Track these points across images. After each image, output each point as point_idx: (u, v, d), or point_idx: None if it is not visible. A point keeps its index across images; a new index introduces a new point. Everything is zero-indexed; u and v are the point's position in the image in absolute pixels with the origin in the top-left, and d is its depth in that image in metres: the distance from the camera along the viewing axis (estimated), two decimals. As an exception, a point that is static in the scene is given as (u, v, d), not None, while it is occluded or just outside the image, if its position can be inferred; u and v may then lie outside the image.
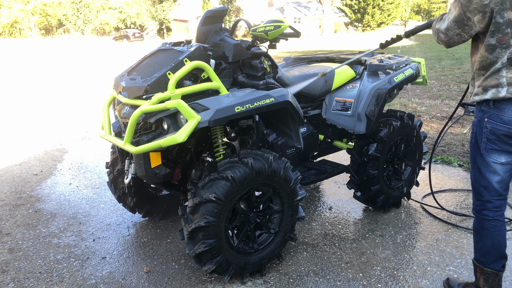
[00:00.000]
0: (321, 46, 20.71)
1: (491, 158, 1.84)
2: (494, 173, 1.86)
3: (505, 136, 1.76)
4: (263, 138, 2.57)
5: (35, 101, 8.32)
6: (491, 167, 1.86)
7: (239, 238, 2.28)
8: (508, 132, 1.75)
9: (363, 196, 3.04)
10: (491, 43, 1.69)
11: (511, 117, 1.72)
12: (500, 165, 1.84)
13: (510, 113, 1.72)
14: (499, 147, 1.80)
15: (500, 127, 1.76)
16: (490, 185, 1.89)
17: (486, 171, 1.88)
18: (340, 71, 3.00)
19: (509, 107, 1.72)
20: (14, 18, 42.98)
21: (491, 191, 1.90)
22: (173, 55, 2.24)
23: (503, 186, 1.89)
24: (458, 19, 1.76)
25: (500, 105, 1.74)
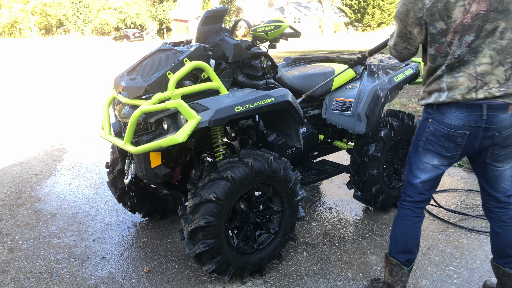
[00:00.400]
0: (321, 46, 20.70)
1: (425, 157, 1.90)
2: (422, 172, 1.91)
3: (444, 137, 1.81)
4: (263, 138, 2.57)
5: (35, 101, 8.32)
6: (422, 165, 1.91)
7: (239, 238, 2.28)
8: (447, 134, 1.79)
9: (363, 196, 3.04)
10: (431, 53, 1.76)
11: (451, 120, 1.77)
12: (431, 167, 1.89)
13: (450, 117, 1.77)
14: (435, 149, 1.85)
15: (441, 129, 1.81)
16: (414, 182, 1.95)
17: (416, 168, 1.93)
18: (340, 71, 3.00)
19: (450, 111, 1.76)
20: (14, 18, 43.00)
21: (414, 187, 1.96)
22: (173, 55, 2.24)
23: (427, 187, 1.94)
24: (401, 34, 1.85)
25: (442, 109, 1.79)
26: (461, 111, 1.73)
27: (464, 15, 1.62)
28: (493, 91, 1.66)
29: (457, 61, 1.69)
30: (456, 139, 1.78)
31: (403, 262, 1.99)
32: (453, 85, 1.72)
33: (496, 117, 1.70)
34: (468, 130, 1.75)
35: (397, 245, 2.01)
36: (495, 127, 1.72)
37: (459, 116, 1.74)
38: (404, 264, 2.00)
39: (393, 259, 2.01)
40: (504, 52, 1.63)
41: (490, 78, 1.67)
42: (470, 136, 1.76)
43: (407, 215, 1.99)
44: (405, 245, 1.99)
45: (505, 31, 1.61)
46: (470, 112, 1.72)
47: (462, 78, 1.69)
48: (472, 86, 1.69)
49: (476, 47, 1.64)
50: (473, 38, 1.63)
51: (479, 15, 1.60)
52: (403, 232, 1.99)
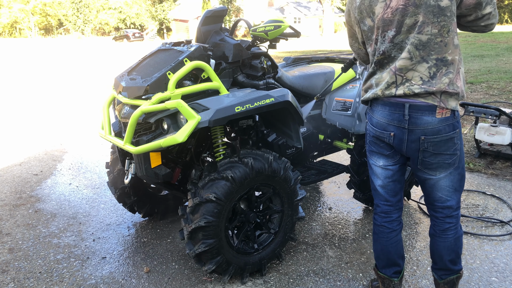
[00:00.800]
0: (321, 46, 20.70)
1: (372, 160, 1.85)
2: (376, 176, 1.86)
3: (375, 137, 1.76)
4: (263, 138, 2.57)
5: (35, 101, 8.32)
6: (372, 170, 1.87)
7: (239, 238, 2.28)
8: (375, 134, 1.75)
9: (363, 196, 3.03)
10: (369, 51, 1.75)
11: (377, 118, 1.73)
12: (380, 169, 1.83)
13: (377, 115, 1.72)
14: (376, 150, 1.80)
15: (371, 128, 1.78)
16: (375, 188, 1.88)
17: (371, 173, 1.89)
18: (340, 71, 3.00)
19: (376, 109, 1.73)
20: (14, 18, 43.01)
21: (377, 194, 1.89)
22: (173, 55, 2.24)
23: (388, 192, 1.85)
24: (350, 34, 1.85)
25: (373, 107, 1.75)
26: (385, 109, 1.70)
27: (384, 10, 1.61)
28: (413, 88, 1.60)
29: (384, 57, 1.66)
30: (384, 139, 1.74)
31: (390, 275, 1.96)
32: (379, 81, 1.70)
33: (419, 118, 1.63)
34: (392, 131, 1.69)
35: (380, 260, 1.97)
36: (419, 129, 1.64)
37: (383, 114, 1.70)
38: (392, 277, 1.96)
39: (380, 274, 1.99)
40: (426, 48, 1.57)
41: (413, 75, 1.60)
42: (396, 138, 1.70)
43: (382, 232, 1.92)
44: (387, 260, 1.94)
45: (423, 26, 1.55)
46: (393, 110, 1.67)
47: (385, 74, 1.67)
48: (392, 82, 1.64)
49: (400, 42, 1.60)
50: (394, 33, 1.60)
51: (398, 10, 1.57)
52: (383, 249, 1.94)
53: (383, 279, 1.98)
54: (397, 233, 1.93)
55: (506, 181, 3.63)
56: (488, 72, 9.23)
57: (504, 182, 3.63)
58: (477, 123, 4.12)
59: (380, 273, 1.99)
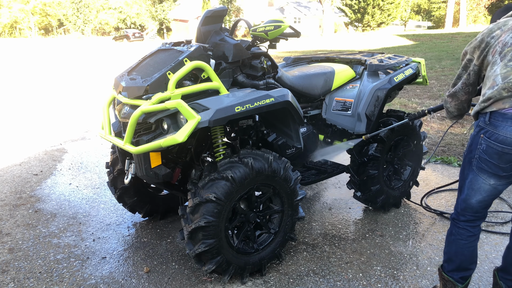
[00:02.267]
0: (321, 46, 20.70)
1: (481, 177, 1.77)
2: (477, 192, 1.80)
3: (498, 155, 1.67)
4: (263, 138, 2.57)
5: (35, 101, 8.32)
6: (476, 185, 1.79)
7: (239, 238, 2.28)
8: (501, 151, 1.65)
9: (363, 196, 3.04)
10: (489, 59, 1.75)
11: (506, 134, 1.61)
12: (488, 187, 1.76)
13: (504, 130, 1.62)
14: (490, 169, 1.72)
15: (493, 145, 1.67)
16: (469, 201, 1.84)
17: (469, 187, 1.82)
18: (340, 71, 3.00)
19: (504, 124, 1.62)
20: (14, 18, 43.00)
21: (468, 207, 1.86)
22: (173, 55, 2.24)
23: (482, 206, 1.83)
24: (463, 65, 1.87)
25: (495, 121, 1.65)
26: None
27: None
28: None
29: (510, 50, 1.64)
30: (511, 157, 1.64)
31: (456, 279, 1.94)
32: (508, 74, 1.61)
33: None
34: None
35: (451, 263, 1.94)
36: None
37: None
38: (458, 281, 1.94)
39: (446, 276, 1.96)
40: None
41: None
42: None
43: (462, 234, 1.89)
44: (459, 264, 1.92)
45: None
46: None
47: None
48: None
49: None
50: None
51: None
52: (458, 251, 1.91)
53: (446, 282, 1.96)
54: (476, 239, 1.91)
55: (506, 181, 3.63)
56: (488, 72, 9.22)
57: (504, 182, 3.62)
58: (477, 123, 4.11)
59: (445, 275, 1.96)
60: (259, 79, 2.47)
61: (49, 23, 47.16)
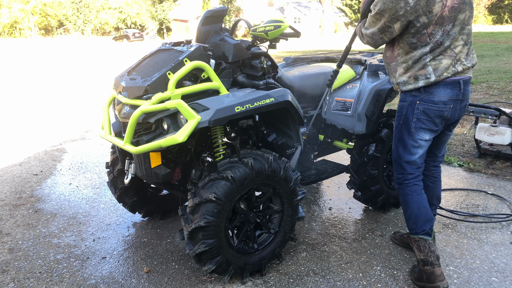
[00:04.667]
0: (321, 46, 20.70)
1: (419, 135, 2.19)
2: (419, 148, 2.21)
3: (434, 114, 2.12)
4: (263, 138, 2.57)
5: (35, 101, 8.32)
6: (417, 143, 2.21)
7: (239, 238, 2.28)
8: (437, 110, 2.11)
9: (363, 196, 3.04)
10: (412, 41, 2.05)
11: (439, 97, 2.10)
12: (424, 142, 2.21)
13: (439, 94, 2.10)
14: (426, 126, 2.16)
15: (431, 107, 2.11)
16: (413, 159, 2.24)
17: (411, 147, 2.22)
18: (340, 71, 3.00)
19: (438, 90, 2.09)
20: (14, 18, 43.02)
21: (412, 164, 2.25)
22: (173, 55, 2.24)
23: (421, 159, 2.26)
24: (381, 28, 2.12)
25: (430, 89, 2.10)
26: (447, 88, 2.09)
27: (442, 9, 1.97)
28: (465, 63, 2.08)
29: (438, 47, 2.04)
30: (443, 113, 2.13)
31: (427, 232, 2.21)
32: (437, 67, 2.06)
33: (466, 90, 2.13)
34: (451, 104, 2.11)
35: (418, 220, 2.22)
36: (466, 97, 2.15)
37: (446, 93, 2.10)
38: (428, 234, 2.21)
39: (416, 236, 2.22)
40: (470, 34, 2.10)
41: (460, 56, 2.08)
42: (453, 109, 2.13)
43: (416, 190, 2.25)
44: (425, 217, 2.22)
45: (469, 18, 2.06)
46: (453, 87, 2.09)
47: (444, 60, 2.05)
48: (453, 63, 2.06)
49: (453, 33, 2.03)
50: (451, 26, 2.01)
51: (454, 8, 1.99)
52: (419, 206, 2.23)
53: (418, 242, 2.21)
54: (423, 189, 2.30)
55: (506, 181, 3.63)
56: (488, 72, 9.23)
57: (504, 182, 3.63)
58: (477, 123, 4.12)
59: (416, 236, 2.23)
60: (259, 79, 2.47)
61: (49, 23, 47.16)
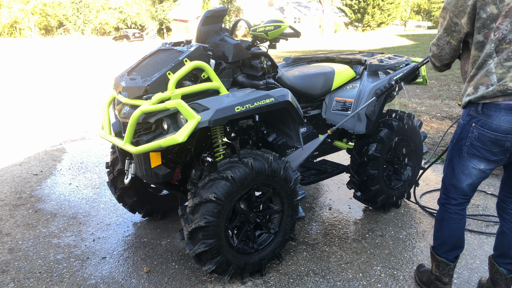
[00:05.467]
0: (321, 46, 20.70)
1: (471, 163, 1.85)
2: (468, 177, 1.88)
3: (491, 142, 1.75)
4: (263, 138, 2.57)
5: (35, 101, 8.32)
6: (467, 171, 1.87)
7: (239, 238, 2.28)
8: (495, 139, 1.73)
9: (363, 196, 3.04)
10: (479, 39, 1.67)
11: (499, 123, 1.69)
12: (478, 171, 1.85)
13: (498, 120, 1.69)
14: (481, 154, 1.81)
15: (487, 133, 1.74)
16: (459, 186, 1.92)
17: (460, 172, 1.90)
18: (340, 71, 3.00)
19: (497, 114, 1.68)
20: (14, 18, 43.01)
21: (459, 191, 1.94)
22: (173, 55, 2.24)
23: (471, 189, 1.93)
24: (446, 27, 1.80)
25: (488, 112, 1.71)
26: (510, 114, 1.66)
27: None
28: None
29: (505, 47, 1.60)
30: (504, 143, 1.72)
31: (450, 259, 2.04)
32: (504, 76, 1.63)
33: None
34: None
35: (445, 245, 2.03)
36: None
37: (508, 120, 1.66)
38: (451, 261, 2.04)
39: (439, 258, 2.06)
40: None
41: None
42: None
43: (454, 219, 1.99)
44: (453, 245, 2.03)
45: None
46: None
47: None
48: None
49: None
50: None
51: None
52: (451, 234, 2.01)
53: (439, 263, 2.06)
54: (464, 218, 2.02)
55: (506, 181, 3.63)
56: (488, 72, 9.20)
57: (504, 182, 3.62)
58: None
59: (439, 257, 2.06)
60: (259, 79, 2.47)
61: (49, 23, 47.16)
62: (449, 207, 1.99)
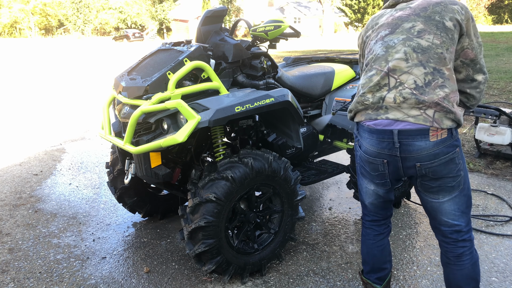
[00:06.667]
0: (321, 46, 20.71)
1: (362, 181, 1.75)
2: (367, 195, 1.77)
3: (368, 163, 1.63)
4: (263, 138, 2.57)
5: (35, 101, 8.32)
6: (363, 189, 1.77)
7: (239, 238, 2.28)
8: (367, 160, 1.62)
9: (363, 196, 3.03)
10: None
11: (366, 146, 1.59)
12: (371, 191, 1.73)
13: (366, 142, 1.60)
14: (367, 174, 1.69)
15: (361, 154, 1.66)
16: (364, 203, 1.81)
17: (360, 189, 1.80)
18: (340, 71, 3.00)
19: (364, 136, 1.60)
20: (14, 18, 43.02)
21: (367, 208, 1.82)
22: (173, 55, 2.24)
23: (378, 208, 1.78)
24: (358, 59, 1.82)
25: (360, 131, 1.65)
26: (372, 137, 1.56)
27: (387, 18, 1.63)
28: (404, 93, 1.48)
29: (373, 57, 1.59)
30: (377, 167, 1.61)
31: (373, 281, 1.88)
32: (367, 83, 1.58)
33: (411, 145, 1.48)
34: (385, 158, 1.56)
35: (366, 264, 1.89)
36: (412, 156, 1.49)
37: (371, 142, 1.58)
38: (376, 283, 1.87)
39: (364, 278, 1.91)
40: (426, 53, 1.48)
41: (407, 78, 1.49)
42: (390, 164, 1.57)
43: (368, 234, 1.85)
44: (372, 265, 1.86)
45: (424, 33, 1.50)
46: (381, 138, 1.53)
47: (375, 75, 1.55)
48: (384, 83, 1.52)
49: (390, 41, 1.55)
50: (387, 32, 1.57)
51: (401, 17, 1.58)
52: (368, 252, 1.85)
53: (366, 284, 1.90)
54: (384, 236, 1.84)
55: (506, 181, 3.63)
56: (488, 72, 9.23)
57: (504, 182, 3.63)
58: (477, 123, 4.12)
59: (364, 278, 1.91)
60: (259, 79, 2.47)
61: (49, 23, 47.16)
62: (364, 222, 1.87)
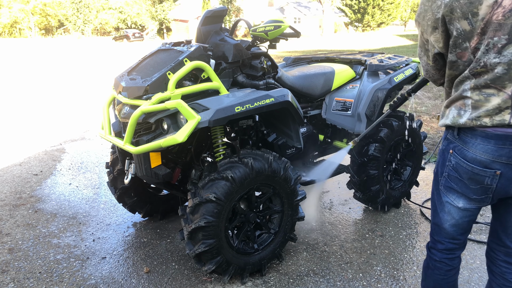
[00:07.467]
0: (321, 46, 20.70)
1: (447, 197, 1.50)
2: (448, 215, 1.51)
3: (468, 175, 1.40)
4: (263, 138, 2.57)
5: (35, 101, 8.32)
6: (446, 208, 1.51)
7: (239, 238, 2.28)
8: (471, 171, 1.38)
9: (363, 196, 3.03)
10: (452, 59, 1.36)
11: (475, 153, 1.36)
12: (457, 209, 1.48)
13: (476, 149, 1.35)
14: (459, 189, 1.45)
15: (463, 164, 1.40)
16: (442, 226, 1.55)
17: (440, 210, 1.54)
18: (340, 71, 3.00)
19: (474, 141, 1.35)
20: (14, 18, 43.00)
21: (443, 232, 1.56)
22: (173, 55, 2.24)
23: (459, 231, 1.53)
24: (420, 44, 1.49)
25: (465, 137, 1.38)
26: (489, 143, 1.32)
27: (494, 10, 1.19)
28: None
29: (485, 72, 1.28)
30: (483, 179, 1.37)
31: None
32: (479, 105, 1.31)
33: None
34: (499, 169, 1.32)
35: None
36: None
37: (486, 149, 1.33)
38: None
39: None
40: None
41: None
42: (502, 177, 1.33)
43: (439, 269, 1.60)
44: None
45: None
46: (502, 144, 1.30)
47: (494, 98, 1.27)
48: (505, 106, 1.27)
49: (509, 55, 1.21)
50: (505, 41, 1.21)
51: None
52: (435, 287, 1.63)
53: None
54: (456, 272, 1.62)
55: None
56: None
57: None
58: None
59: None
60: (259, 79, 2.47)
61: (49, 23, 47.16)
62: (434, 253, 1.61)
